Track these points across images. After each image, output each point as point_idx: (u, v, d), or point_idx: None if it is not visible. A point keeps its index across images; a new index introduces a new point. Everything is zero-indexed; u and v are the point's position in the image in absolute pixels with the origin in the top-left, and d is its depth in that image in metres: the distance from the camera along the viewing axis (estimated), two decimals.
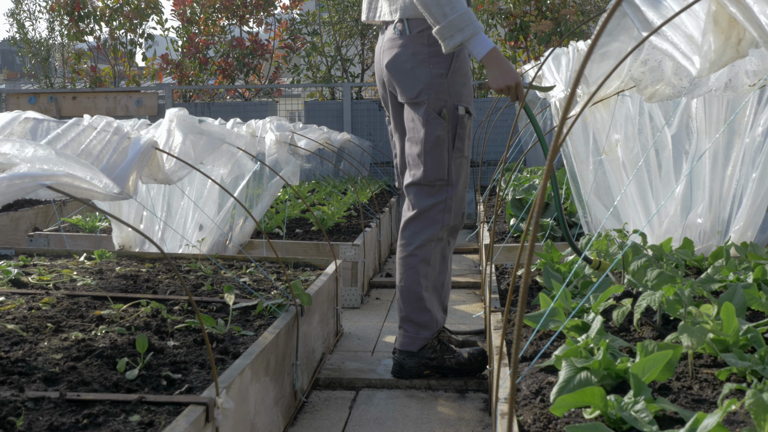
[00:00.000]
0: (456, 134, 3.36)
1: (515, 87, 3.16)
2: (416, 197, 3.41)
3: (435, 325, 3.46)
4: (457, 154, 3.38)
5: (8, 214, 6.42)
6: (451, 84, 3.32)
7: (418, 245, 3.40)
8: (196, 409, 2.01)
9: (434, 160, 3.34)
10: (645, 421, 1.75)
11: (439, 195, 3.38)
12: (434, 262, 3.44)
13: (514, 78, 3.14)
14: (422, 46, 3.30)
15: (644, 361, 1.95)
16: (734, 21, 1.88)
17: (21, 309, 3.03)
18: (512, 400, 1.31)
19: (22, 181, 1.97)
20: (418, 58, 3.31)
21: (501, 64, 3.13)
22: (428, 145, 3.34)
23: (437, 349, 3.50)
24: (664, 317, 2.76)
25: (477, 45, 3.09)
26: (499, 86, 3.16)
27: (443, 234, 3.44)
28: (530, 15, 11.46)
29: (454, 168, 3.38)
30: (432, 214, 3.39)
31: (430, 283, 3.44)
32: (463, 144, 3.40)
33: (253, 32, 12.95)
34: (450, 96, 3.33)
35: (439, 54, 3.26)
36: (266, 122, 5.39)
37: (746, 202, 3.86)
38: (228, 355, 2.60)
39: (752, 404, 1.50)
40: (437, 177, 3.36)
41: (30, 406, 2.05)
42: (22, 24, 13.25)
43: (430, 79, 3.31)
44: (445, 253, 3.49)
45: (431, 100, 3.31)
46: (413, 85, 3.33)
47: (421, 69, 3.32)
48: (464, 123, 3.37)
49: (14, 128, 3.02)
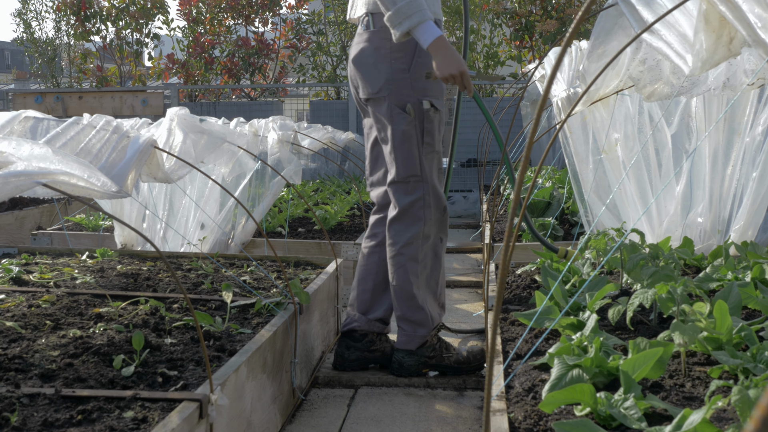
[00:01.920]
0: (424, 129, 3.33)
1: (460, 76, 3.09)
2: (395, 196, 3.40)
3: (430, 322, 3.45)
4: (428, 149, 3.35)
5: (13, 213, 6.45)
6: (414, 79, 3.29)
7: (404, 244, 3.39)
8: (189, 406, 2.02)
9: (404, 156, 3.33)
10: (634, 418, 1.76)
11: (416, 192, 3.36)
12: (424, 260, 3.41)
13: (458, 67, 3.08)
14: (384, 41, 3.28)
15: (635, 358, 1.96)
16: (725, 20, 1.88)
17: (21, 307, 3.05)
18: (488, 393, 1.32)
19: (18, 179, 1.99)
20: (380, 53, 3.31)
21: (446, 53, 3.08)
22: (396, 141, 3.33)
23: (436, 347, 3.49)
24: (660, 316, 2.77)
25: (424, 32, 3.06)
26: (443, 74, 3.09)
27: (430, 230, 3.40)
28: (535, 15, 11.46)
29: (426, 163, 3.35)
30: (413, 211, 3.37)
31: (421, 281, 3.42)
32: (433, 139, 3.36)
33: (259, 32, 12.99)
34: (414, 91, 3.30)
35: (402, 49, 3.26)
36: (269, 121, 5.40)
37: (746, 201, 3.86)
38: (224, 352, 2.61)
39: (738, 401, 1.51)
40: (410, 173, 3.34)
41: (25, 402, 2.06)
42: (28, 24, 13.31)
43: (391, 74, 3.29)
44: (437, 250, 3.46)
45: (393, 95, 3.30)
46: (375, 81, 3.33)
47: (383, 64, 3.30)
48: (431, 118, 3.34)
49: (14, 127, 3.04)
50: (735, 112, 3.80)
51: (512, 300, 3.40)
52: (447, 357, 3.51)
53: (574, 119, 4.21)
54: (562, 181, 5.93)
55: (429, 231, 3.40)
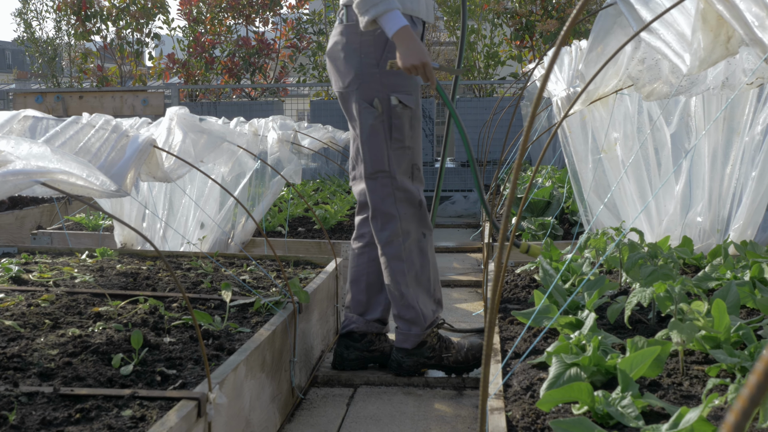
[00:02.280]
0: (392, 125, 3.29)
1: (422, 66, 3.05)
2: (368, 193, 3.39)
3: (422, 321, 3.41)
4: (396, 145, 3.31)
5: (13, 212, 6.46)
6: (383, 74, 3.26)
7: (384, 243, 3.38)
8: (187, 404, 2.03)
9: (372, 151, 3.31)
10: (631, 416, 1.76)
11: (385, 188, 3.33)
12: (409, 257, 3.37)
13: (419, 57, 3.04)
14: (356, 35, 3.27)
15: (632, 356, 1.96)
16: (722, 19, 1.88)
17: (20, 306, 3.06)
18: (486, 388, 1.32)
19: (16, 177, 1.99)
20: (351, 47, 3.29)
21: (409, 43, 3.04)
22: (364, 136, 3.32)
23: (436, 347, 3.48)
24: (659, 315, 2.77)
25: (389, 21, 3.04)
26: (405, 64, 3.05)
27: (408, 226, 3.36)
28: (536, 14, 11.47)
29: (395, 159, 3.31)
30: (384, 208, 3.35)
31: (409, 279, 3.37)
32: (403, 134, 3.31)
33: (259, 32, 12.99)
34: (383, 86, 3.27)
35: (372, 43, 3.25)
36: (269, 121, 5.41)
37: (746, 200, 3.86)
38: (223, 351, 2.62)
39: (734, 399, 1.51)
40: (377, 168, 3.32)
41: (23, 400, 2.07)
42: (29, 24, 13.32)
43: (360, 68, 3.27)
44: (421, 246, 3.41)
45: (361, 90, 3.28)
46: (345, 75, 3.32)
47: (353, 58, 3.29)
48: (398, 114, 3.29)
49: (13, 126, 3.04)
50: (734, 111, 3.80)
51: (511, 299, 3.40)
52: (446, 357, 3.48)
53: (573, 118, 4.21)
54: (561, 180, 5.93)
55: (407, 227, 3.35)
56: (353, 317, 3.57)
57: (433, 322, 3.46)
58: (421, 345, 3.45)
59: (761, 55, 1.69)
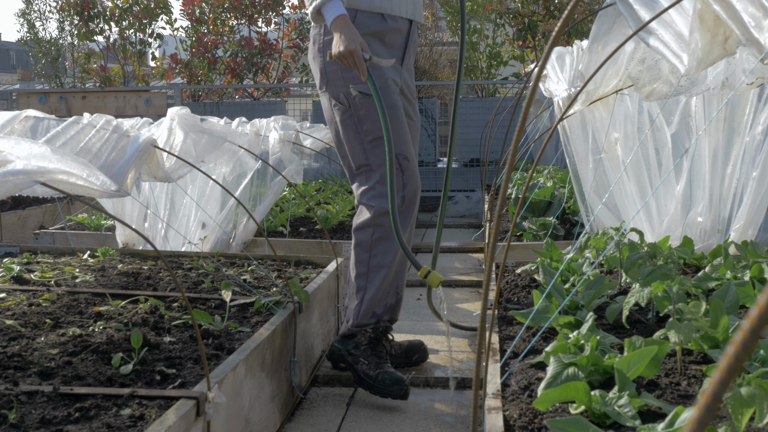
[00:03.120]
0: (359, 117, 3.25)
1: (350, 54, 3.00)
2: (355, 188, 3.37)
3: (356, 319, 3.34)
4: (370, 137, 3.25)
5: (16, 212, 6.48)
6: (344, 69, 3.22)
7: (356, 228, 3.33)
8: (186, 403, 2.03)
9: (350, 147, 3.30)
10: (628, 415, 1.76)
11: (368, 181, 3.29)
12: (374, 249, 3.29)
13: (347, 46, 2.99)
14: (320, 35, 3.30)
15: (630, 356, 1.97)
16: (719, 19, 1.89)
17: (21, 305, 3.07)
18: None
19: (16, 177, 2.00)
20: (316, 48, 3.32)
21: (342, 31, 3.02)
22: (340, 134, 3.32)
23: (361, 347, 3.37)
24: (658, 315, 2.77)
25: (328, 11, 3.06)
26: (335, 53, 3.03)
27: (381, 221, 3.26)
28: (538, 15, 11.46)
29: (372, 151, 3.26)
30: (364, 200, 3.30)
31: (369, 272, 3.31)
32: (372, 125, 3.24)
33: (262, 32, 13.00)
34: (344, 81, 3.25)
35: (331, 41, 3.18)
36: (270, 121, 5.41)
37: (746, 200, 3.86)
38: (223, 350, 2.62)
39: (729, 398, 1.51)
40: (359, 163, 3.30)
41: (23, 399, 2.07)
42: (32, 24, 13.34)
43: (324, 66, 3.28)
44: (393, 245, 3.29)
45: (330, 87, 3.29)
46: (316, 76, 3.36)
47: (319, 58, 3.31)
48: (361, 104, 3.24)
49: (14, 126, 3.05)
50: (735, 111, 3.80)
51: (511, 299, 3.40)
52: (362, 363, 3.32)
53: (573, 119, 4.22)
54: (563, 180, 5.94)
55: (381, 221, 3.26)
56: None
57: (367, 326, 3.35)
58: (350, 337, 3.39)
59: (757, 56, 1.70)
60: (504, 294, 3.50)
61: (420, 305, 4.94)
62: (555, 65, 4.53)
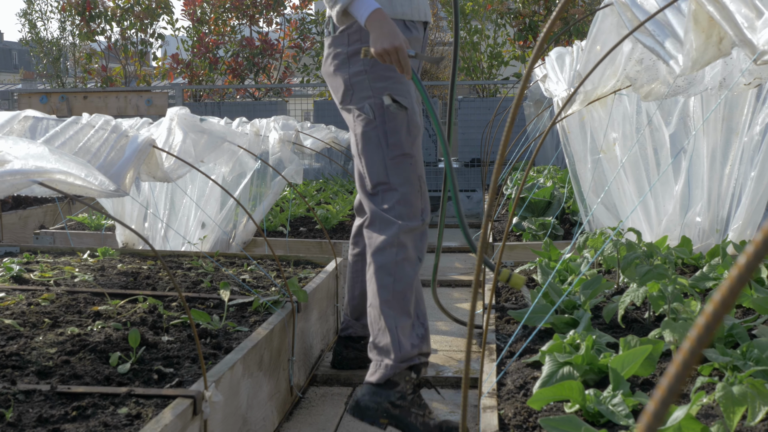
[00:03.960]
0: (386, 130, 2.92)
1: (395, 51, 2.70)
2: (369, 206, 2.98)
3: (398, 351, 2.79)
4: (395, 152, 2.91)
5: (17, 212, 6.49)
6: (372, 78, 2.94)
7: (375, 250, 2.91)
8: (183, 402, 2.04)
9: (368, 163, 2.94)
10: (622, 414, 1.77)
11: (386, 201, 2.92)
12: (399, 273, 2.87)
13: (391, 42, 2.69)
14: (343, 46, 2.98)
15: (624, 355, 1.97)
16: (714, 20, 1.90)
17: (20, 305, 3.08)
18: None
19: (14, 177, 2.01)
20: (339, 60, 3.00)
21: (382, 27, 2.71)
22: (359, 146, 2.97)
23: (407, 396, 2.80)
24: (656, 314, 2.78)
25: (359, 8, 2.75)
26: (376, 49, 2.71)
27: (406, 239, 2.89)
28: (539, 15, 11.47)
29: (394, 168, 2.91)
30: (384, 215, 2.91)
31: (393, 298, 2.85)
32: (400, 139, 2.92)
33: (263, 32, 13.01)
34: (373, 91, 2.93)
35: (359, 52, 2.93)
36: (270, 121, 5.42)
37: (745, 200, 3.87)
38: (221, 350, 2.63)
39: (722, 397, 1.52)
40: (377, 181, 2.93)
41: (21, 398, 2.08)
42: (33, 24, 13.36)
43: (349, 79, 2.97)
44: (415, 269, 2.93)
45: (354, 100, 2.97)
46: (338, 90, 3.03)
47: (342, 70, 2.99)
48: (393, 115, 2.92)
49: (13, 126, 3.06)
50: (733, 111, 3.81)
51: (509, 298, 3.41)
52: (416, 414, 2.78)
53: (572, 119, 4.23)
54: (563, 180, 5.94)
55: (405, 240, 2.89)
56: (350, 321, 3.54)
57: (412, 360, 2.82)
58: (391, 385, 2.80)
59: (750, 56, 1.70)
60: (502, 294, 3.51)
61: None
62: (555, 65, 4.54)
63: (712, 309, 0.55)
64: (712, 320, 0.56)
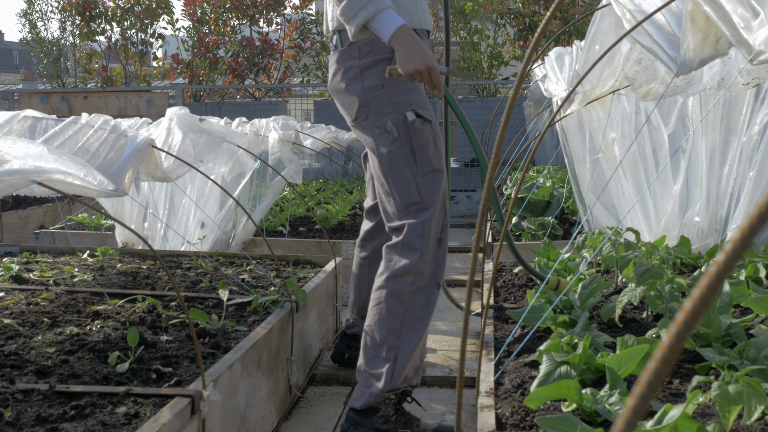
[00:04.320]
0: (413, 146, 2.79)
1: (427, 71, 2.59)
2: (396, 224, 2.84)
3: (389, 381, 2.75)
4: (424, 169, 2.79)
5: (17, 212, 6.50)
6: (391, 93, 2.80)
7: (390, 275, 2.80)
8: (181, 401, 2.05)
9: (397, 183, 2.80)
10: (618, 413, 1.77)
11: (417, 216, 2.79)
12: (411, 303, 2.78)
13: (424, 61, 2.57)
14: (354, 60, 2.83)
15: (621, 354, 1.98)
16: (710, 20, 1.90)
17: (19, 304, 3.08)
18: None
19: (12, 177, 2.02)
20: (350, 74, 2.84)
21: (411, 45, 2.57)
22: (384, 168, 2.82)
23: (391, 419, 2.80)
24: (654, 314, 2.78)
25: (383, 23, 2.59)
26: (407, 70, 2.58)
27: (424, 268, 2.78)
28: (539, 15, 11.47)
29: (425, 186, 2.80)
30: (409, 239, 2.78)
31: (402, 327, 2.77)
32: (428, 155, 2.80)
33: (263, 32, 13.02)
34: (393, 106, 2.79)
35: (373, 65, 2.81)
36: (270, 121, 5.43)
37: (744, 200, 3.87)
38: (219, 349, 2.64)
39: (717, 396, 1.53)
40: (409, 202, 2.79)
41: (19, 397, 2.09)
42: (34, 24, 13.37)
43: (364, 94, 2.82)
44: (430, 298, 2.82)
45: (372, 117, 2.82)
46: (351, 106, 2.87)
47: (354, 86, 2.83)
48: (419, 131, 2.80)
49: (13, 126, 3.07)
50: (732, 111, 3.82)
51: (508, 298, 3.42)
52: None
53: (570, 119, 4.23)
54: (562, 180, 5.95)
55: (423, 268, 2.79)
56: (356, 320, 3.48)
57: (398, 390, 2.80)
58: (373, 411, 2.79)
59: (746, 56, 1.71)
60: (501, 293, 3.51)
61: None
62: (554, 65, 4.54)
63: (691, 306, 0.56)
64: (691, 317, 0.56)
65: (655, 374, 0.57)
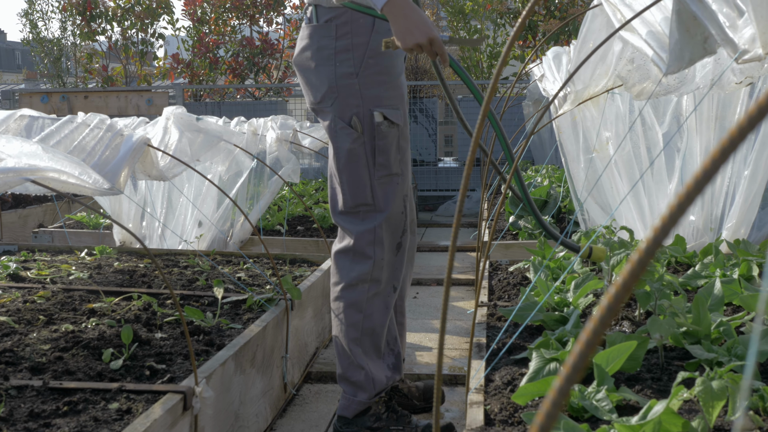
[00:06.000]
0: (375, 147, 2.64)
1: (429, 44, 2.32)
2: (343, 224, 2.75)
3: (372, 386, 2.75)
4: (382, 172, 2.66)
5: (16, 211, 6.52)
6: (363, 85, 2.61)
7: (346, 285, 2.72)
8: (173, 397, 2.07)
9: (351, 181, 2.67)
10: (605, 409, 1.79)
11: (366, 222, 2.69)
12: (369, 310, 2.72)
13: (425, 33, 2.31)
14: (329, 39, 2.60)
15: (608, 351, 1.99)
16: (697, 19, 1.91)
17: (16, 302, 3.10)
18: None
19: (6, 175, 2.03)
20: (323, 54, 2.62)
21: (408, 15, 2.31)
22: (341, 162, 2.68)
23: (383, 416, 2.80)
24: (647, 312, 2.80)
25: None
26: (407, 45, 2.32)
27: (380, 274, 2.70)
28: (539, 15, 11.49)
29: (380, 189, 2.67)
30: (360, 247, 2.69)
31: (363, 336, 2.73)
32: (389, 158, 2.67)
33: (263, 32, 13.04)
34: (363, 100, 2.62)
35: (349, 49, 2.59)
36: (268, 120, 5.44)
37: (738, 199, 3.89)
38: (213, 346, 2.66)
39: (701, 392, 1.54)
40: (358, 201, 2.68)
41: (13, 393, 2.11)
42: (35, 24, 13.39)
43: (335, 80, 2.61)
44: (388, 301, 2.76)
45: (337, 106, 2.64)
46: (317, 88, 2.66)
47: (326, 67, 2.62)
48: (384, 133, 2.64)
49: (9, 125, 3.09)
50: (726, 110, 3.83)
51: (503, 296, 3.43)
52: (396, 430, 2.79)
53: (563, 118, 4.25)
54: (560, 179, 5.96)
55: (378, 275, 2.71)
56: None
57: (386, 389, 2.82)
58: (363, 413, 2.79)
59: (732, 55, 1.72)
60: (496, 291, 3.53)
61: (416, 303, 4.97)
62: (552, 65, 4.56)
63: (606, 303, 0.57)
64: (614, 302, 0.58)
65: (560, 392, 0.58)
